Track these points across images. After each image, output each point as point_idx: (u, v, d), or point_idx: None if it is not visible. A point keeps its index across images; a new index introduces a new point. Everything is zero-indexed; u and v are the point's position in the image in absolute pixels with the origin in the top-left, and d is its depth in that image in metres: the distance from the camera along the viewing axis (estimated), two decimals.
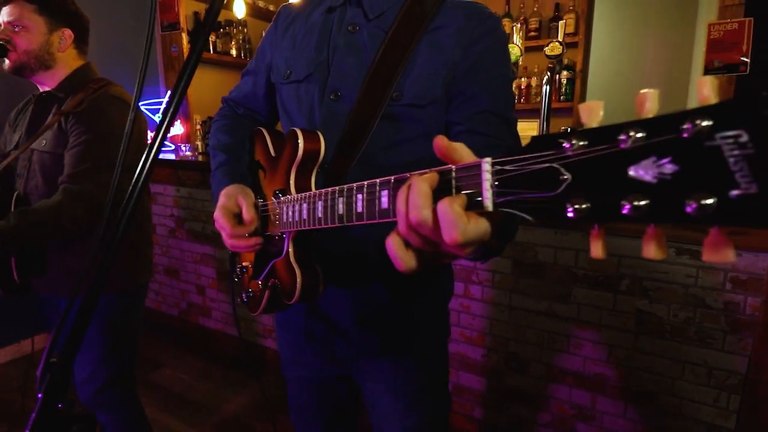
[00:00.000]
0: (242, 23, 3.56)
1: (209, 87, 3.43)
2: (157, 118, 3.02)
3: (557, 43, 2.22)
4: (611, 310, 1.59)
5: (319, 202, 0.63)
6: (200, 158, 2.71)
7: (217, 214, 0.82)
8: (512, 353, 1.78)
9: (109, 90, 1.33)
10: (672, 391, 1.54)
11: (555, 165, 0.34)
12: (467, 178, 0.40)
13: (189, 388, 2.31)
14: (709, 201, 0.27)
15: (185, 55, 3.00)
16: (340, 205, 0.57)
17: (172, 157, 2.80)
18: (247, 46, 3.58)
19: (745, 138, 0.25)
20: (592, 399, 1.67)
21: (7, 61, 1.28)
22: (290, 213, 0.72)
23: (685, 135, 0.28)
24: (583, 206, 0.33)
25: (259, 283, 0.85)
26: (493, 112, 0.73)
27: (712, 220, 0.27)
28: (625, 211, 0.31)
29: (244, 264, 0.95)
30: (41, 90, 1.38)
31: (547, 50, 2.22)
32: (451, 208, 0.38)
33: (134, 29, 2.97)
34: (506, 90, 0.76)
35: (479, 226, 0.39)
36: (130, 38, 2.93)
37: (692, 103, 3.60)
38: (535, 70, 3.34)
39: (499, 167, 0.38)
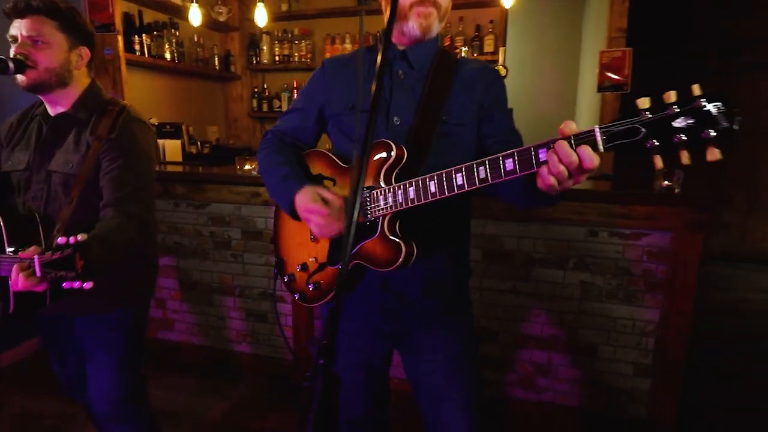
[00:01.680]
0: (174, 26, 3.45)
1: (143, 90, 3.28)
2: None
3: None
4: (561, 283, 2.00)
5: (431, 182, 0.90)
6: None
7: (308, 205, 1.02)
8: (483, 327, 2.11)
9: (130, 112, 1.36)
10: (608, 341, 1.99)
11: (636, 125, 0.68)
12: (586, 136, 0.72)
13: (164, 402, 2.27)
14: (712, 133, 0.63)
15: (121, 57, 2.87)
16: (459, 177, 0.86)
17: None
18: (180, 49, 3.47)
19: (719, 105, 0.62)
20: (549, 356, 2.07)
21: (22, 77, 1.24)
22: (389, 199, 0.97)
23: (696, 104, 0.63)
24: (655, 143, 0.66)
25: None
26: (510, 129, 1.12)
27: (715, 141, 0.63)
28: (675, 141, 0.65)
29: (300, 264, 1.15)
30: (53, 109, 1.34)
31: None
32: (587, 149, 0.71)
33: None
34: (511, 114, 1.14)
35: (598, 159, 0.72)
36: None
37: (580, 112, 4.32)
38: None
39: (604, 129, 0.70)
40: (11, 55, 1.23)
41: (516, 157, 0.79)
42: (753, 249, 4.50)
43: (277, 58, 4.21)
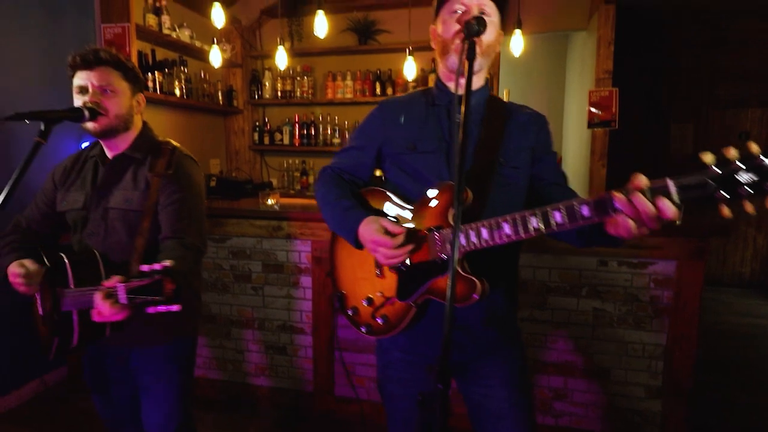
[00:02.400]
0: (183, 63, 3.55)
1: (155, 126, 3.32)
2: None
3: None
4: (575, 310, 2.13)
5: (505, 224, 0.97)
6: None
7: (374, 237, 1.07)
8: None
9: (182, 151, 1.45)
10: (620, 365, 2.11)
11: (706, 179, 0.76)
12: (662, 188, 0.80)
13: None
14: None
15: None
16: (534, 221, 0.93)
17: None
18: (188, 86, 3.56)
19: None
20: (565, 381, 2.18)
21: (94, 124, 1.31)
22: (461, 239, 1.03)
23: (758, 162, 0.72)
24: (723, 195, 0.74)
25: (411, 303, 1.12)
26: (559, 171, 1.22)
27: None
28: (742, 193, 0.73)
29: (365, 298, 1.20)
30: (111, 152, 1.41)
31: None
32: (665, 200, 0.79)
33: None
34: (556, 156, 1.24)
35: (676, 211, 0.79)
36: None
37: (567, 145, 4.60)
38: None
39: (677, 182, 0.79)
40: (80, 104, 1.31)
41: (592, 205, 0.87)
42: (732, 273, 4.76)
43: (279, 94, 4.34)
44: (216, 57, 3.13)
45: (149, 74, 3.16)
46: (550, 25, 3.85)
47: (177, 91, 3.42)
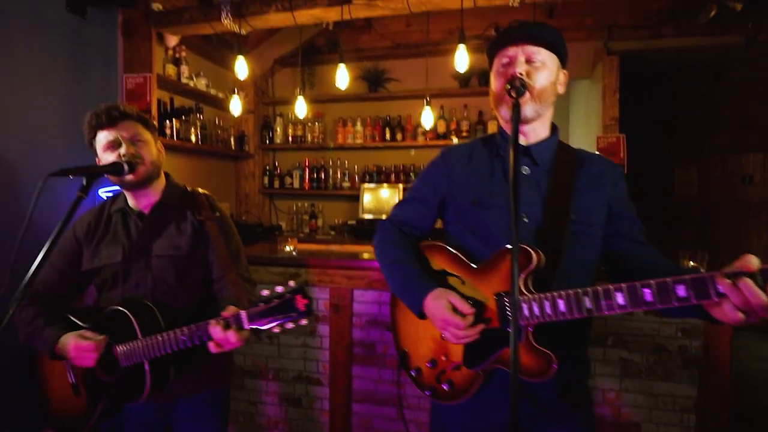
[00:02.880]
0: (199, 110, 3.63)
1: (172, 172, 3.36)
2: None
3: None
4: (602, 360, 2.08)
5: (586, 298, 0.88)
6: None
7: (444, 315, 1.02)
8: None
9: (211, 195, 1.50)
10: (650, 419, 2.04)
11: None
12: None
13: None
14: None
15: None
16: (620, 297, 0.84)
17: None
18: (204, 132, 3.63)
19: None
20: None
21: (131, 176, 1.32)
22: (534, 309, 0.95)
23: None
24: None
25: (480, 372, 1.07)
26: (639, 227, 1.11)
27: None
28: None
29: (429, 360, 1.14)
30: (141, 202, 1.41)
31: None
32: None
33: None
34: (635, 210, 1.13)
35: None
36: None
37: None
38: None
39: None
40: (116, 159, 1.33)
41: (689, 284, 0.76)
42: None
43: (290, 139, 4.43)
44: (236, 106, 3.21)
45: (167, 121, 3.23)
46: None
47: (192, 137, 3.48)
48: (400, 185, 4.03)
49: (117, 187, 1.44)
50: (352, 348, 2.31)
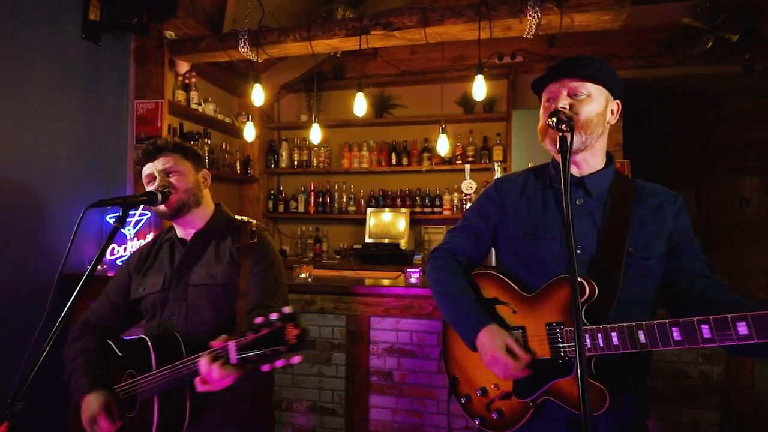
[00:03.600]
0: (207, 135, 3.65)
1: None
2: (127, 231, 2.85)
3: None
4: None
5: (641, 332, 0.89)
6: None
7: (496, 354, 1.02)
8: None
9: (258, 224, 1.48)
10: None
11: None
12: None
13: None
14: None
15: None
16: (676, 333, 0.85)
17: None
18: (211, 156, 3.64)
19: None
20: None
21: (164, 207, 1.32)
22: (587, 341, 0.95)
23: None
24: None
25: (530, 402, 1.06)
26: (702, 260, 1.08)
27: None
28: None
29: (479, 388, 1.13)
30: (186, 231, 1.41)
31: (465, 188, 2.94)
32: None
33: (109, 140, 2.88)
34: (698, 243, 1.10)
35: None
36: (104, 147, 2.83)
37: None
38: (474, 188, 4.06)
39: None
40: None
41: (750, 322, 0.77)
42: None
43: (295, 163, 4.44)
44: (250, 132, 3.23)
45: None
46: None
47: None
48: (405, 209, 4.05)
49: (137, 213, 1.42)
50: (368, 377, 2.27)
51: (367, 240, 4.01)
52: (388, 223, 4.03)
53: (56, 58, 2.52)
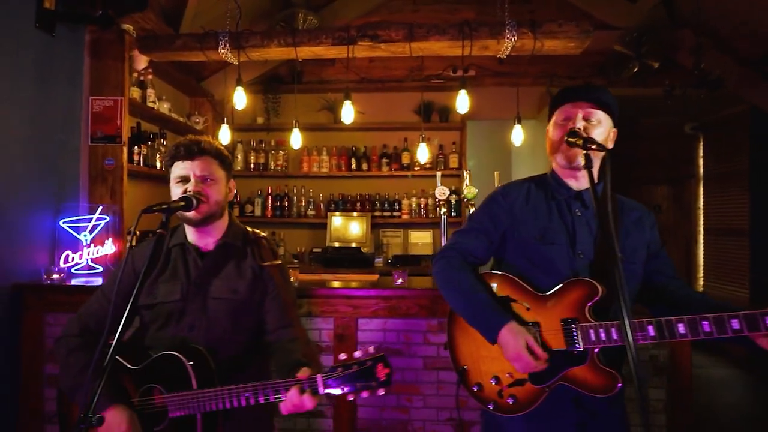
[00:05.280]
0: (163, 135, 3.46)
1: (139, 199, 3.16)
2: (83, 237, 2.63)
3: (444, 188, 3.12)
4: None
5: (649, 327, 1.08)
6: None
7: (520, 353, 1.14)
8: None
9: (272, 239, 1.50)
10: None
11: None
12: None
13: None
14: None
15: (124, 168, 2.80)
16: (681, 328, 1.05)
17: (99, 281, 2.49)
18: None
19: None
20: None
21: (194, 213, 1.30)
22: (601, 334, 1.13)
23: None
24: None
25: (545, 387, 1.20)
26: (671, 264, 1.31)
27: None
28: None
29: (493, 377, 1.25)
30: (203, 240, 1.38)
31: (438, 194, 3.11)
32: None
33: (61, 142, 2.65)
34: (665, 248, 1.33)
35: None
36: (55, 146, 2.60)
37: None
38: (430, 193, 4.25)
39: None
40: (181, 193, 1.30)
41: (742, 319, 0.97)
42: None
43: (251, 166, 4.34)
44: (225, 135, 3.13)
45: (135, 147, 3.05)
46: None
47: (158, 163, 3.30)
48: (366, 214, 4.13)
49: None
50: None
51: (332, 243, 4.03)
52: (349, 226, 4.09)
53: (7, 47, 2.28)
